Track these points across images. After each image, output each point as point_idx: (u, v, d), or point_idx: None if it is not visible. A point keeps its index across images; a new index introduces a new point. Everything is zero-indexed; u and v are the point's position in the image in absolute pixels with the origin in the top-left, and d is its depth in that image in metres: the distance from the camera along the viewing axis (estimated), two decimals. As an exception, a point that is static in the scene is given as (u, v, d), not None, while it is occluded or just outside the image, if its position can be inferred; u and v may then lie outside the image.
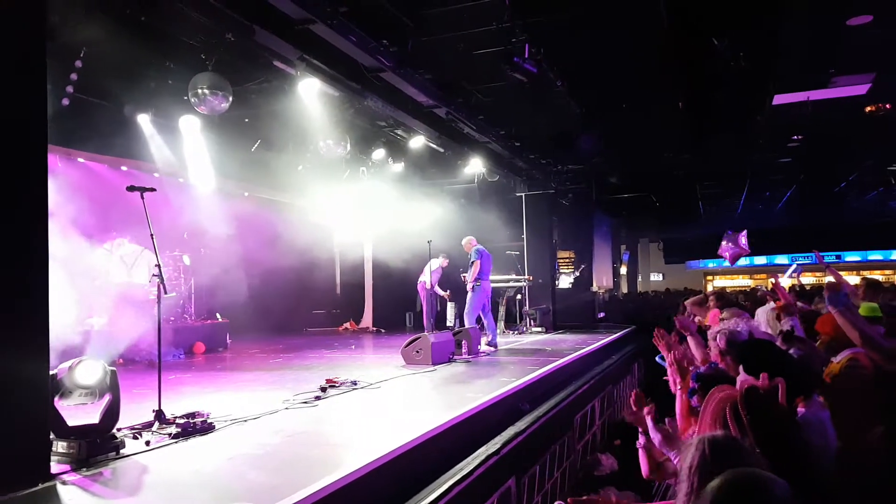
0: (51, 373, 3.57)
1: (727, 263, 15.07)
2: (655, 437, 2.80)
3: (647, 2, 7.04)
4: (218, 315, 10.54)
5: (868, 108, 10.62)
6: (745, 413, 2.03)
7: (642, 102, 10.42)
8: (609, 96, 10.19)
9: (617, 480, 6.34)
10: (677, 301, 11.51)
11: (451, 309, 12.55)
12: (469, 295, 9.73)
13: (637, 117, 11.14)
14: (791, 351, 3.40)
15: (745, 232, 16.20)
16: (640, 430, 3.10)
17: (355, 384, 6.19)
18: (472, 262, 9.79)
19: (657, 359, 4.18)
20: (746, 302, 8.57)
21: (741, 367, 2.93)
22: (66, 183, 8.24)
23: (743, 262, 33.51)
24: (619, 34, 7.85)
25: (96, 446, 3.63)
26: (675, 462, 2.68)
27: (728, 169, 15.49)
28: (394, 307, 14.52)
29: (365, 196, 12.50)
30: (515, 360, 8.36)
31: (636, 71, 9.06)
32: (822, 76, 9.39)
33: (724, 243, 16.19)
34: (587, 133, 11.51)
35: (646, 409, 3.08)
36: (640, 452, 3.08)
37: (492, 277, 12.46)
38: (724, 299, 6.63)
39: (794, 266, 22.78)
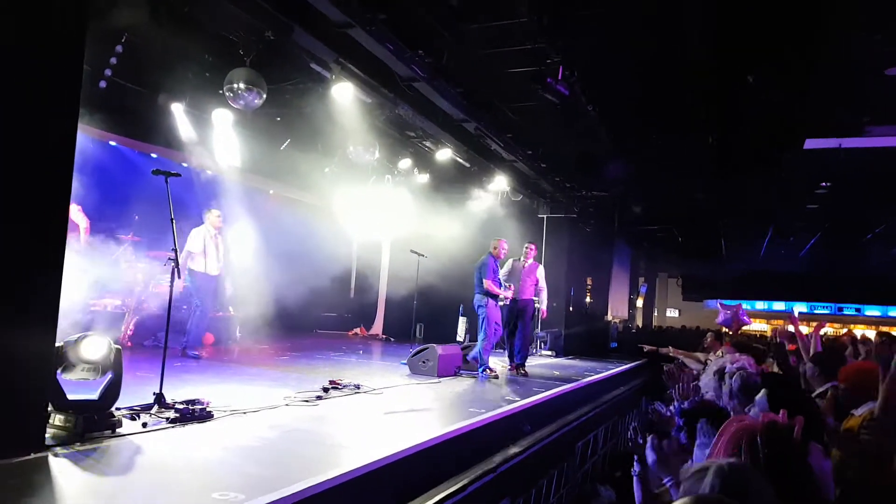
0: (56, 345, 3.57)
1: (745, 305, 14.40)
2: (650, 458, 2.72)
3: (682, 35, 7.03)
4: (230, 308, 10.59)
5: None
6: (764, 446, 1.98)
7: (673, 135, 10.37)
8: (639, 126, 10.16)
9: (613, 512, 6.27)
10: (693, 341, 11.28)
11: (462, 324, 12.49)
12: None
13: (666, 149, 11.08)
14: None
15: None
16: (635, 458, 3.03)
17: (358, 388, 6.18)
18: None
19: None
20: (763, 346, 8.51)
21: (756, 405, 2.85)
22: (95, 164, 8.37)
23: (761, 305, 32.87)
24: (654, 65, 7.83)
25: (93, 423, 3.63)
26: (670, 490, 2.62)
27: (753, 210, 15.32)
28: (406, 316, 14.49)
29: (388, 204, 12.55)
30: (521, 380, 8.28)
31: (668, 103, 9.03)
32: (856, 124, 9.29)
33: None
34: (614, 161, 11.47)
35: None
36: (635, 481, 3.00)
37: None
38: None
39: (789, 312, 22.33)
